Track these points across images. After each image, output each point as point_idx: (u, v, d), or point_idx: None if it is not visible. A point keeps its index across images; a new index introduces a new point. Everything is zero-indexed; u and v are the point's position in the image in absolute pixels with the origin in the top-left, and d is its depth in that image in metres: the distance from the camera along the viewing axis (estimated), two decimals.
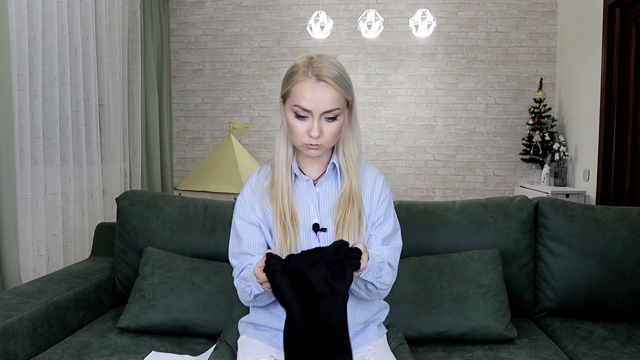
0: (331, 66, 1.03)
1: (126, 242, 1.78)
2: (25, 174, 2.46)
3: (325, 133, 1.04)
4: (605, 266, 1.67)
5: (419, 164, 4.36)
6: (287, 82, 1.06)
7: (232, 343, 1.35)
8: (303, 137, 1.04)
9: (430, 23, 3.64)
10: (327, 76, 1.01)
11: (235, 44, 4.41)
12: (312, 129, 1.02)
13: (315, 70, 1.01)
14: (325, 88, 1.01)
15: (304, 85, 1.01)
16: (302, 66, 1.03)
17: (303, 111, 1.02)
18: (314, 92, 1.01)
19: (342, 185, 1.12)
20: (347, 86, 1.04)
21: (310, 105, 1.01)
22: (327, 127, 1.04)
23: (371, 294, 1.11)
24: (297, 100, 1.02)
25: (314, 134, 1.02)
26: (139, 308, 1.56)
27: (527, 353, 1.45)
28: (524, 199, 1.79)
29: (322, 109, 1.01)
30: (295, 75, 1.03)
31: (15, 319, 1.39)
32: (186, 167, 4.56)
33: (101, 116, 3.28)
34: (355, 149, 1.12)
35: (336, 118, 1.04)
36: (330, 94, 1.01)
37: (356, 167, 1.12)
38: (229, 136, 3.23)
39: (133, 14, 3.67)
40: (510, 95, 4.24)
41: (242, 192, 1.18)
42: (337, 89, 1.02)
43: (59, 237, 2.75)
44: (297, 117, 1.04)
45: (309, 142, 1.04)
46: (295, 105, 1.02)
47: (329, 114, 1.02)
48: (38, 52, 2.56)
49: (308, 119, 1.03)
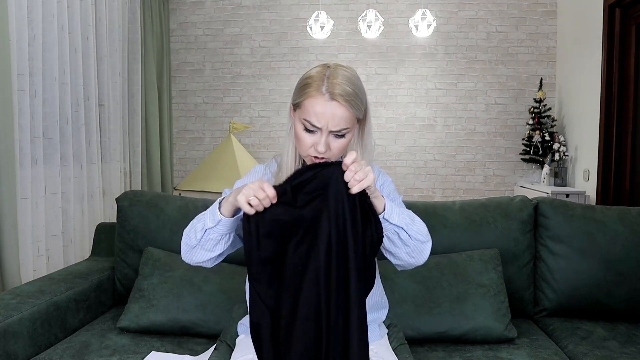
0: (346, 83, 1.00)
1: (126, 242, 1.78)
2: (25, 174, 2.46)
3: (332, 148, 1.03)
4: (605, 266, 1.67)
5: (419, 164, 4.36)
6: (299, 92, 1.04)
7: (232, 343, 1.35)
8: (309, 150, 1.03)
9: (430, 23, 3.64)
10: (340, 95, 0.98)
11: (235, 44, 4.41)
12: (319, 144, 1.01)
13: (330, 87, 0.99)
14: (337, 107, 0.99)
15: (316, 101, 0.99)
16: (316, 79, 1.01)
17: (312, 126, 1.01)
18: (324, 110, 0.99)
19: None
20: (360, 105, 1.02)
21: (320, 123, 1.00)
22: (334, 143, 1.03)
23: (410, 250, 1.01)
24: (308, 115, 1.00)
25: (320, 149, 1.01)
26: (139, 308, 1.56)
27: (527, 353, 1.45)
28: (524, 199, 1.79)
29: (331, 128, 1.00)
30: (308, 89, 1.01)
31: (15, 319, 1.39)
32: (186, 167, 4.55)
33: (101, 116, 3.28)
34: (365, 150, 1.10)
35: (344, 135, 1.03)
36: (341, 113, 0.99)
37: None
38: (229, 136, 3.23)
39: (133, 14, 3.67)
40: (510, 95, 4.24)
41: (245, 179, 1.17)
42: (349, 109, 1.00)
43: (59, 237, 2.75)
44: (305, 130, 1.03)
45: (315, 154, 1.03)
46: (305, 120, 1.01)
47: (337, 132, 1.01)
48: (38, 52, 2.56)
49: (316, 134, 1.02)
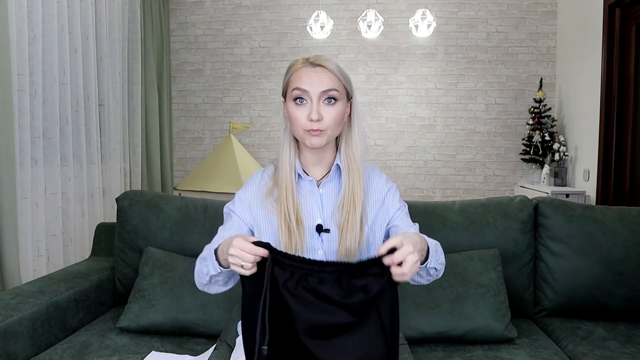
0: (328, 58, 1.08)
1: (126, 242, 1.78)
2: (25, 174, 2.46)
3: (325, 117, 1.05)
4: (605, 266, 1.67)
5: (419, 164, 4.35)
6: (285, 76, 1.11)
7: (232, 343, 1.35)
8: (304, 123, 1.05)
9: (430, 23, 3.64)
10: (323, 62, 1.06)
11: (235, 44, 4.41)
12: (312, 112, 1.04)
13: (312, 59, 1.07)
14: (322, 71, 1.06)
15: (302, 70, 1.06)
16: (299, 60, 1.10)
17: (301, 92, 1.05)
18: (310, 74, 1.05)
19: (343, 186, 1.11)
20: (344, 75, 1.08)
21: (307, 84, 1.04)
22: (326, 112, 1.05)
23: (431, 278, 1.08)
24: (295, 83, 1.06)
25: (313, 117, 1.03)
26: (139, 308, 1.56)
27: (527, 353, 1.45)
28: (524, 199, 1.79)
29: (320, 89, 1.04)
30: (292, 67, 1.09)
31: (15, 319, 1.39)
32: (186, 167, 4.55)
33: (101, 116, 3.28)
34: (358, 148, 1.11)
35: (335, 100, 1.06)
36: (327, 75, 1.05)
37: (358, 168, 1.10)
38: (229, 136, 3.23)
39: (133, 14, 3.67)
40: (510, 95, 4.24)
41: (244, 189, 1.16)
42: (334, 72, 1.06)
43: (59, 237, 2.75)
44: (296, 104, 1.06)
45: (310, 127, 1.04)
46: (294, 89, 1.06)
47: (326, 93, 1.04)
48: (38, 52, 2.56)
49: (307, 104, 1.05)
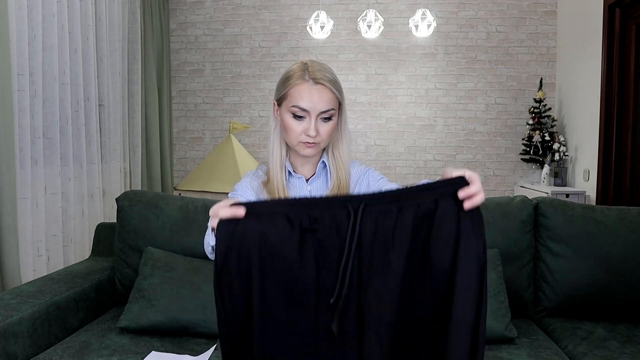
0: (325, 71, 1.11)
1: (126, 242, 1.78)
2: (25, 174, 2.46)
3: (321, 132, 1.11)
4: (605, 266, 1.67)
5: (419, 164, 4.35)
6: (283, 85, 1.12)
7: None
8: (300, 137, 1.11)
9: (430, 23, 3.64)
10: (323, 79, 1.08)
11: (235, 44, 4.41)
12: (310, 128, 1.09)
13: (312, 74, 1.09)
14: (322, 90, 1.08)
15: (302, 87, 1.08)
16: (297, 70, 1.11)
17: (301, 111, 1.09)
18: (311, 93, 1.08)
19: (331, 182, 1.19)
20: (340, 89, 1.13)
21: (308, 105, 1.08)
22: (322, 127, 1.11)
23: None
24: (295, 101, 1.09)
25: (311, 133, 1.09)
26: (139, 308, 1.56)
27: (527, 353, 1.45)
28: (524, 199, 1.79)
29: (319, 109, 1.08)
30: (291, 79, 1.10)
31: (15, 319, 1.39)
32: (186, 167, 4.55)
33: (101, 116, 3.28)
34: (344, 150, 1.19)
35: (331, 118, 1.11)
36: (326, 95, 1.09)
37: (345, 167, 1.19)
38: (229, 136, 3.23)
39: (133, 14, 3.67)
40: (510, 95, 4.24)
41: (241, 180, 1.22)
42: (332, 91, 1.09)
43: (59, 237, 2.75)
44: (294, 117, 1.10)
45: (306, 140, 1.10)
46: (294, 106, 1.09)
47: (325, 114, 1.09)
48: (38, 52, 2.56)
49: (305, 120, 1.10)
